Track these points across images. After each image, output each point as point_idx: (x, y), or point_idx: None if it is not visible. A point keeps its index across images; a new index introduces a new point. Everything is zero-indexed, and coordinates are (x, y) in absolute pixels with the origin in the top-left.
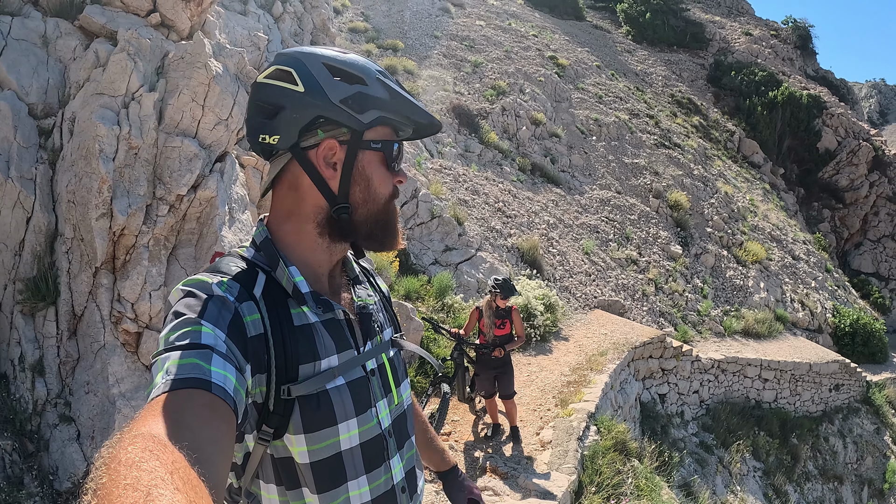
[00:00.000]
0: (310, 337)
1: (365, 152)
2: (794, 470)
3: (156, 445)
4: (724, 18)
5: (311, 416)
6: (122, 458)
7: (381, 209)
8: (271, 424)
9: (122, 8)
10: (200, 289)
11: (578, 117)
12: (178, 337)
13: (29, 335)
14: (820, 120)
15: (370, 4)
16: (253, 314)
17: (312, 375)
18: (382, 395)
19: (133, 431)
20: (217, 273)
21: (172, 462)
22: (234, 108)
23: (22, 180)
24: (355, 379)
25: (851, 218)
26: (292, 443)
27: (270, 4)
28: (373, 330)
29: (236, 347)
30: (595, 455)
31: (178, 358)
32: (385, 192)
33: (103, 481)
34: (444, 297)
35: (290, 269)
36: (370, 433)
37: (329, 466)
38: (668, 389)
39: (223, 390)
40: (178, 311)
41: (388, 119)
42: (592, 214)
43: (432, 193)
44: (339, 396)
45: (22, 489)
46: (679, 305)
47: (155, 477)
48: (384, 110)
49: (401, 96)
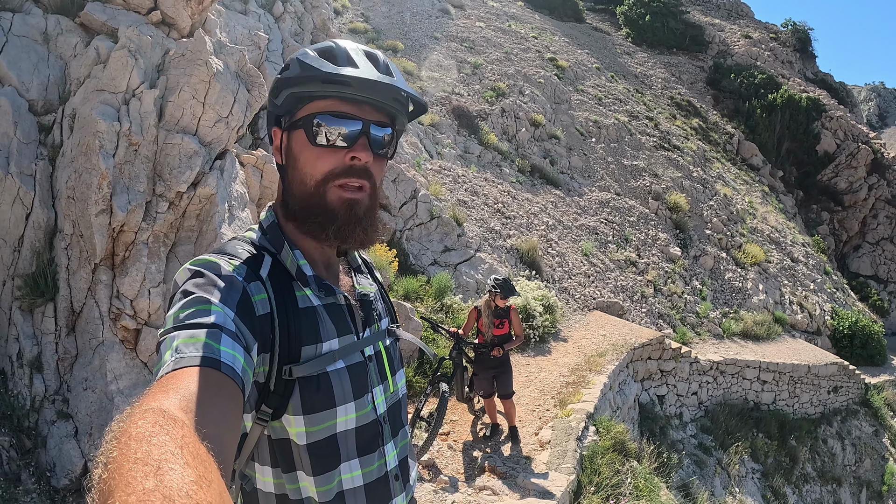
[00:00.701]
0: (313, 319)
1: (293, 133)
2: (793, 472)
3: (166, 420)
4: (724, 21)
5: (311, 397)
6: (132, 433)
7: (310, 192)
8: (271, 404)
9: (124, 5)
10: (209, 268)
11: (578, 119)
12: (187, 315)
13: (27, 331)
14: (819, 123)
15: (370, 5)
16: (260, 294)
17: (314, 357)
18: (379, 382)
19: (143, 406)
20: (224, 254)
21: (182, 437)
22: (234, 106)
23: (22, 176)
24: (354, 363)
25: (850, 220)
26: (291, 423)
27: (271, 4)
28: (372, 317)
29: (245, 326)
30: (594, 455)
31: (188, 337)
32: (313, 171)
33: (114, 455)
34: (443, 297)
35: (294, 252)
36: (366, 418)
37: (325, 449)
38: (667, 391)
39: (231, 369)
40: (187, 290)
41: (298, 94)
42: (591, 216)
43: (431, 194)
44: (338, 379)
45: (19, 485)
46: (678, 307)
47: (165, 451)
48: (292, 86)
49: (309, 66)
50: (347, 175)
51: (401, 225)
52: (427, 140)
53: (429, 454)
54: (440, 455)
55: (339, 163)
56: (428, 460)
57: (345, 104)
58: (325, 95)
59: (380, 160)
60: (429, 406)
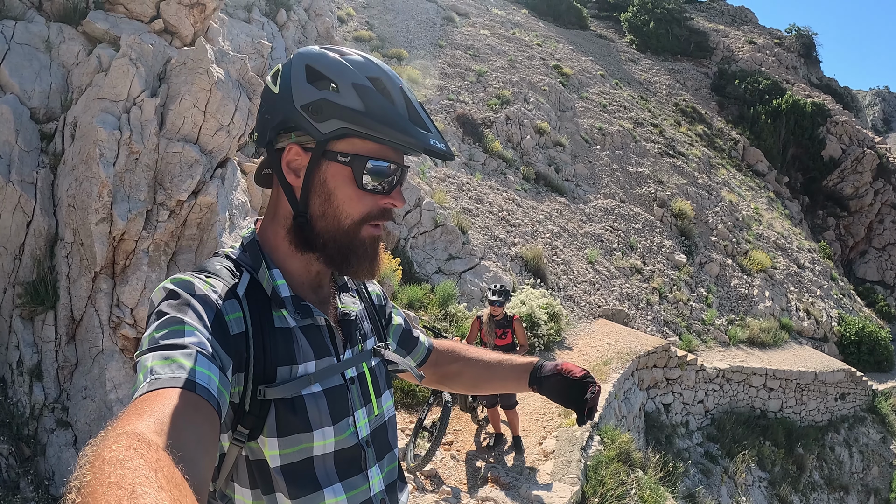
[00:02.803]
0: (288, 341)
1: (329, 163)
2: (800, 480)
3: (140, 444)
4: (728, 27)
5: (286, 420)
6: (106, 457)
7: (343, 230)
8: (246, 425)
9: (126, 14)
10: (183, 288)
11: (582, 126)
12: (162, 336)
13: (27, 339)
14: (824, 128)
15: (375, 13)
16: (235, 312)
17: (289, 379)
18: (362, 405)
19: (117, 430)
20: (201, 272)
21: (157, 460)
22: (235, 115)
23: (23, 184)
24: (333, 387)
25: (856, 226)
26: (265, 445)
27: (274, 12)
28: (355, 338)
29: (220, 346)
30: (598, 465)
31: (163, 358)
32: (352, 211)
33: (87, 479)
34: (447, 305)
35: (271, 271)
36: (346, 442)
37: (300, 472)
38: (673, 399)
39: (207, 391)
40: (162, 311)
41: (352, 131)
42: (596, 223)
43: (436, 202)
44: (314, 403)
45: (18, 494)
46: (683, 314)
47: (139, 475)
48: (349, 121)
49: (382, 111)
50: (382, 218)
51: (405, 233)
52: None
53: (432, 464)
54: (443, 465)
55: (376, 206)
56: (431, 470)
57: (392, 152)
58: (381, 142)
59: None
60: (432, 416)
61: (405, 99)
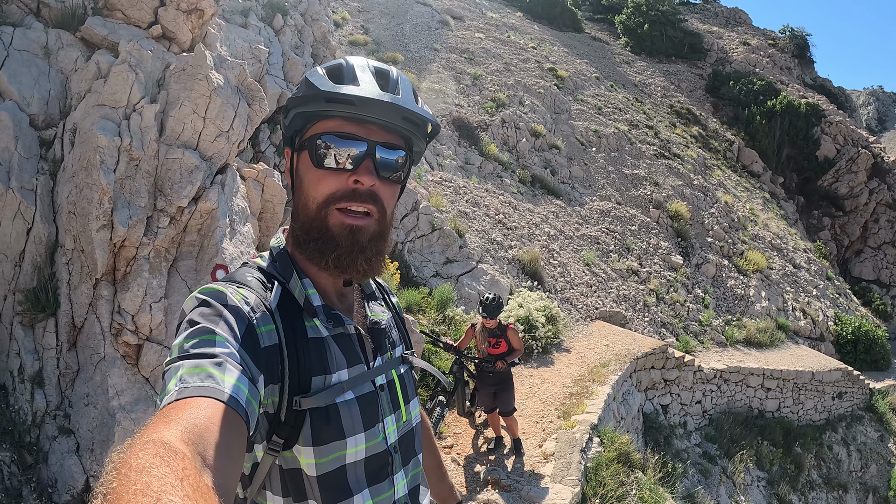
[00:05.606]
0: (321, 350)
1: (301, 155)
2: (798, 479)
3: (167, 452)
4: (722, 28)
5: (321, 428)
6: (132, 464)
7: (311, 216)
8: (282, 435)
9: (124, 20)
10: (216, 298)
11: (578, 129)
12: (192, 345)
13: (28, 346)
14: (819, 128)
15: (370, 17)
16: (268, 325)
17: (323, 389)
18: (391, 411)
19: (144, 437)
20: (233, 283)
21: (183, 469)
22: (234, 120)
23: (23, 191)
24: (364, 394)
25: (851, 225)
26: (301, 454)
27: (271, 17)
28: (384, 346)
29: (250, 358)
30: (598, 467)
31: (192, 367)
32: (315, 194)
33: (113, 486)
34: (445, 309)
35: (303, 281)
36: (376, 448)
37: (334, 479)
38: (671, 400)
39: (235, 401)
40: (193, 320)
41: (304, 113)
42: (593, 226)
43: (433, 206)
44: (347, 411)
45: (20, 501)
46: (680, 316)
47: (165, 483)
48: (299, 105)
49: (313, 84)
50: (350, 199)
51: (402, 237)
52: (427, 151)
53: None
54: None
55: (342, 186)
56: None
57: (351, 124)
58: (331, 115)
59: (390, 185)
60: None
61: (354, 76)
